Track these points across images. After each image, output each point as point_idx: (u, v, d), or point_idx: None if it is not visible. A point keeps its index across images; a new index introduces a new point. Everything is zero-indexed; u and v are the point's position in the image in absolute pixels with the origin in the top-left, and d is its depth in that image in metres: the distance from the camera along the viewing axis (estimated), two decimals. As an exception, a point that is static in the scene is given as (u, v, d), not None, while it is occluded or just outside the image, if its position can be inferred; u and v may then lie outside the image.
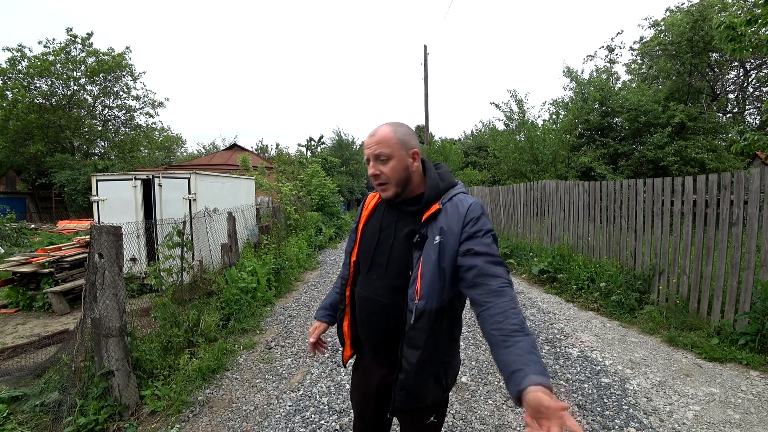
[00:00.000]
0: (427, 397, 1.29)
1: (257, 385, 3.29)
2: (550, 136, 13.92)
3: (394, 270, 1.27)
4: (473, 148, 27.38)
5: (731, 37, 5.01)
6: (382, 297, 1.29)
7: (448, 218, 1.22)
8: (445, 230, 1.20)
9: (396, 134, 1.27)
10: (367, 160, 1.30)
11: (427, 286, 1.18)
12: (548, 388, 0.85)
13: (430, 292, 1.18)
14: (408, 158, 1.28)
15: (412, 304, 1.19)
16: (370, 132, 1.30)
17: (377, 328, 1.32)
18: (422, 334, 1.19)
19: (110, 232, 2.70)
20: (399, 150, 1.26)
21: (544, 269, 6.53)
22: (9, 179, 25.63)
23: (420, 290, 1.18)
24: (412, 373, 1.21)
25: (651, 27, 15.54)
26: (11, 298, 5.90)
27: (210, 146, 46.12)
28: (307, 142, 28.51)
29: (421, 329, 1.19)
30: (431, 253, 1.19)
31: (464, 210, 1.23)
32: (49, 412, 2.66)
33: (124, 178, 6.85)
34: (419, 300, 1.18)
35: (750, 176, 3.83)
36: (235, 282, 5.16)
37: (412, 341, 1.20)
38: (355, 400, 1.53)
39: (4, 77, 21.35)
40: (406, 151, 1.27)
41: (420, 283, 1.18)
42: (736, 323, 3.80)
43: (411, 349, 1.21)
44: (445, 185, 1.30)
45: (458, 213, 1.22)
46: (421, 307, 1.18)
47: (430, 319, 1.19)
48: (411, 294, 1.20)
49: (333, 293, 1.60)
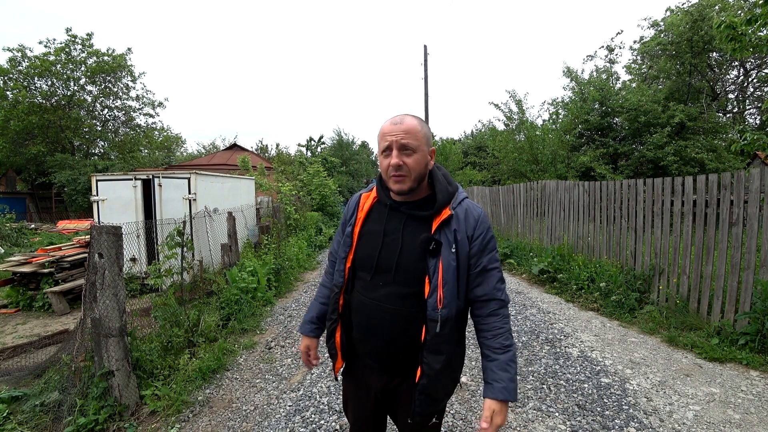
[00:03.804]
0: (444, 398, 1.32)
1: (257, 385, 3.29)
2: (549, 136, 13.92)
3: (404, 277, 1.22)
4: (473, 148, 27.40)
5: (731, 37, 5.01)
6: (390, 304, 1.23)
7: (460, 225, 1.22)
8: (459, 238, 1.20)
9: (422, 128, 1.23)
10: (387, 148, 1.21)
11: (449, 294, 1.17)
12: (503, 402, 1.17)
13: (451, 299, 1.18)
14: (428, 155, 1.25)
15: (435, 313, 1.16)
16: (393, 120, 1.23)
17: (384, 336, 1.26)
18: (446, 340, 1.19)
19: (110, 232, 2.70)
20: (423, 145, 1.22)
21: (544, 269, 6.53)
22: (9, 179, 25.64)
23: (443, 298, 1.16)
24: (434, 378, 1.20)
25: (651, 27, 15.56)
26: (11, 298, 5.90)
27: (210, 146, 46.14)
28: (307, 142, 28.52)
29: (445, 336, 1.18)
30: (450, 260, 1.18)
31: (476, 218, 1.25)
32: (49, 412, 2.66)
33: (124, 178, 6.85)
34: (443, 308, 1.16)
35: (750, 176, 3.83)
36: (236, 282, 5.16)
37: (436, 348, 1.19)
38: (351, 408, 1.48)
39: (5, 77, 21.35)
40: (428, 147, 1.25)
41: (442, 291, 1.16)
42: (736, 323, 3.80)
43: (434, 355, 1.19)
44: (452, 189, 1.27)
45: (471, 220, 1.24)
46: (445, 316, 1.17)
47: (452, 325, 1.20)
48: (432, 303, 1.17)
49: (317, 305, 1.52)
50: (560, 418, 2.70)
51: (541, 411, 2.79)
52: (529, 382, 3.23)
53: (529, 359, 3.66)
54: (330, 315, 1.37)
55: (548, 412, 2.78)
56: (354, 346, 1.37)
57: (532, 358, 3.68)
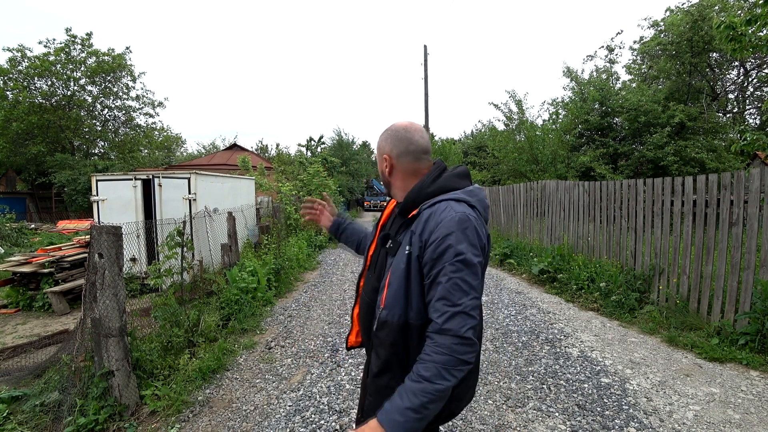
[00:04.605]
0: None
1: (257, 385, 3.29)
2: (549, 136, 13.92)
3: (377, 272, 1.28)
4: (473, 148, 27.41)
5: (731, 37, 5.01)
6: (368, 296, 1.30)
7: (419, 227, 1.11)
8: (413, 240, 1.10)
9: (379, 141, 1.34)
10: None
11: (391, 297, 1.12)
12: (378, 422, 1.00)
13: (394, 303, 1.11)
14: (382, 163, 1.31)
15: (378, 311, 1.17)
16: None
17: (363, 324, 1.33)
18: (382, 344, 1.15)
19: (110, 232, 2.70)
20: (379, 157, 1.34)
21: (544, 269, 6.53)
22: (9, 179, 25.64)
23: (385, 300, 1.14)
24: (372, 380, 1.20)
25: (651, 27, 15.56)
26: (11, 298, 5.90)
27: (210, 146, 46.19)
28: (307, 142, 28.49)
29: (381, 339, 1.15)
30: (400, 262, 1.12)
31: (438, 221, 1.07)
32: (49, 412, 2.66)
33: (124, 178, 6.85)
34: (383, 309, 1.14)
35: (750, 176, 3.83)
36: (236, 282, 5.16)
37: (376, 348, 1.19)
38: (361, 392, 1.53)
39: (5, 77, 21.35)
40: (380, 157, 1.33)
41: (386, 292, 1.14)
42: (736, 323, 3.80)
43: (375, 354, 1.20)
44: (434, 188, 1.17)
45: (432, 223, 1.08)
46: (383, 317, 1.13)
47: (391, 332, 1.12)
48: (378, 301, 1.18)
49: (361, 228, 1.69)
50: (560, 418, 2.70)
51: (541, 411, 2.79)
52: (529, 382, 3.23)
53: (529, 359, 3.66)
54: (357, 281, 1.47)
55: (548, 412, 2.78)
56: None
57: (532, 358, 3.68)
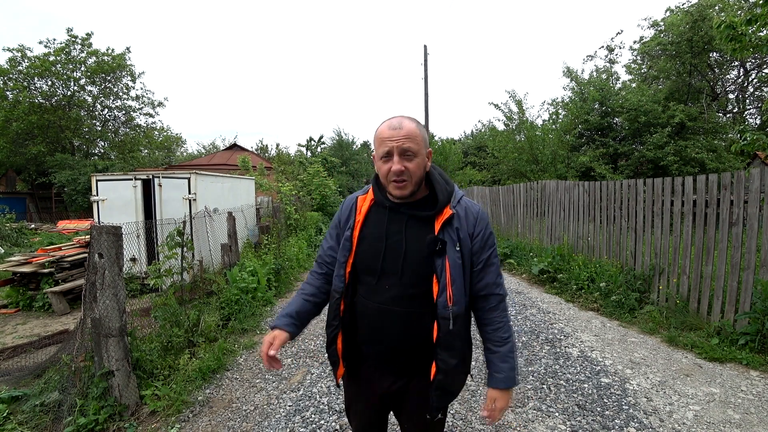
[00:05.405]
0: (459, 391, 1.36)
1: (257, 385, 3.29)
2: (549, 136, 13.92)
3: (411, 278, 1.24)
4: (473, 148, 27.42)
5: (731, 37, 5.01)
6: (398, 306, 1.24)
7: (462, 223, 1.25)
8: (461, 236, 1.24)
9: (421, 132, 1.23)
10: (387, 153, 1.20)
11: (458, 292, 1.21)
12: (505, 390, 1.28)
13: (460, 296, 1.22)
14: (425, 158, 1.25)
15: (446, 311, 1.20)
16: (391, 124, 1.21)
17: (393, 337, 1.26)
18: (458, 336, 1.24)
19: (110, 232, 2.70)
20: (422, 148, 1.22)
21: (544, 269, 6.53)
22: (9, 179, 25.64)
23: (453, 296, 1.20)
24: (450, 373, 1.24)
25: (651, 27, 15.57)
26: (11, 298, 5.90)
27: (210, 146, 46.18)
28: (307, 142, 28.52)
29: (457, 333, 1.23)
30: (456, 259, 1.22)
31: (476, 215, 1.29)
32: (49, 412, 2.66)
33: (124, 178, 6.85)
34: (453, 306, 1.20)
35: (750, 176, 3.83)
36: (236, 282, 5.16)
37: (449, 345, 1.22)
38: (354, 412, 1.47)
39: (5, 78, 21.35)
40: (425, 150, 1.24)
41: (452, 289, 1.20)
42: (736, 323, 3.80)
43: (448, 351, 1.23)
44: (450, 188, 1.29)
45: (471, 218, 1.28)
46: (456, 313, 1.21)
47: (461, 321, 1.25)
48: (443, 301, 1.20)
49: (299, 300, 1.41)
50: (560, 418, 2.70)
51: (541, 411, 2.79)
52: (529, 382, 3.23)
53: (529, 359, 3.66)
54: (331, 322, 1.33)
55: (548, 412, 2.78)
56: (356, 350, 1.36)
57: (532, 358, 3.68)
